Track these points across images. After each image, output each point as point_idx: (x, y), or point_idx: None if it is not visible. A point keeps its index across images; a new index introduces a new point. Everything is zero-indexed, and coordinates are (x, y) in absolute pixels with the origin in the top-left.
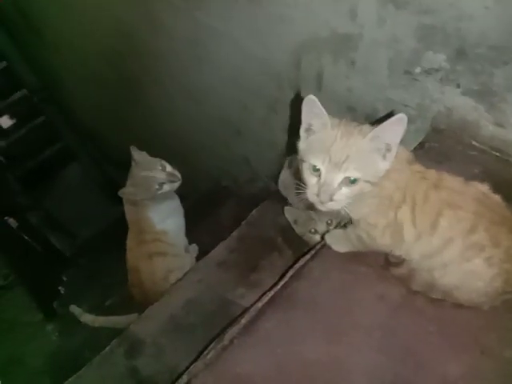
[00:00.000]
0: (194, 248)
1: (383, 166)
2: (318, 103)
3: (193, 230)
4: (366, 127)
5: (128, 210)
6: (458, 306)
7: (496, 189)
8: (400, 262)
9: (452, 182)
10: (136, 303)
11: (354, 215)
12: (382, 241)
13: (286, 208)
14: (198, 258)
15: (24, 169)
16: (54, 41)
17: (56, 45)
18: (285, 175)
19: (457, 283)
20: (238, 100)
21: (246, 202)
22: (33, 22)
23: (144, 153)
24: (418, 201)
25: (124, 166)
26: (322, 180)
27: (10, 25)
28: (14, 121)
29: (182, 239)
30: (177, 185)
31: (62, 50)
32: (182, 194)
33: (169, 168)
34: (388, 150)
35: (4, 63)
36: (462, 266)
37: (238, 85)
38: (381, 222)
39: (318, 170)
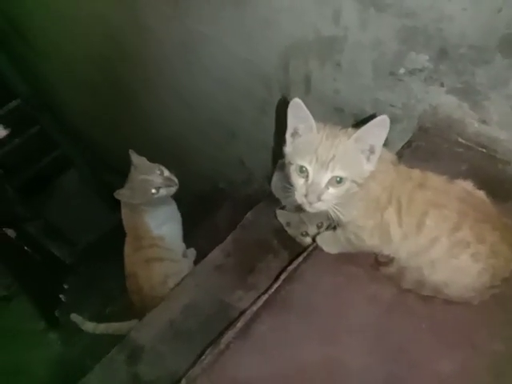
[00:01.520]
0: (192, 252)
1: (367, 167)
2: (304, 107)
3: (189, 233)
4: (351, 130)
5: (125, 215)
6: (449, 302)
7: (482, 184)
8: (389, 261)
9: (436, 181)
10: (136, 309)
11: (342, 218)
12: (371, 242)
13: (277, 211)
14: (196, 262)
15: (21, 178)
16: (43, 48)
17: (45, 52)
18: (277, 177)
19: (446, 280)
20: (229, 103)
21: (241, 204)
22: (21, 29)
23: (143, 158)
24: (404, 201)
25: (121, 171)
26: (310, 180)
27: (2, 34)
28: (8, 131)
29: (179, 244)
30: (174, 189)
31: (52, 57)
32: (178, 196)
33: (166, 173)
34: (372, 152)
35: None
36: (450, 263)
37: (229, 88)
38: (369, 224)
39: (305, 170)
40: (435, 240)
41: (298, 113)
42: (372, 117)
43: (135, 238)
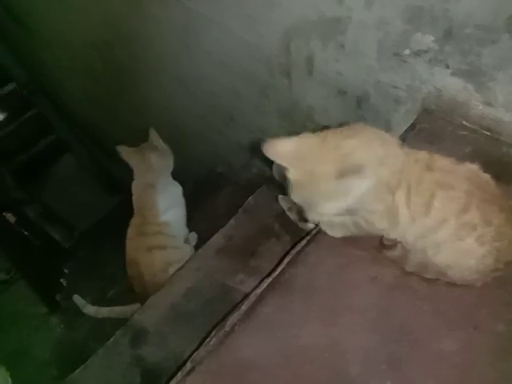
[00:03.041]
0: (194, 236)
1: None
2: (278, 153)
3: (190, 217)
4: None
5: (136, 194)
6: (451, 284)
7: (486, 167)
8: (394, 244)
9: (443, 162)
10: (137, 294)
11: (353, 206)
12: (380, 225)
13: (279, 196)
14: (196, 246)
15: (18, 163)
16: (41, 32)
17: (43, 36)
18: None
19: (450, 262)
20: (229, 86)
21: (241, 188)
22: (18, 13)
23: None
24: (413, 183)
25: (118, 155)
26: None
27: None
28: (4, 115)
29: (182, 230)
30: None
31: (50, 41)
32: (178, 181)
33: None
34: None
35: None
36: (455, 245)
37: (229, 71)
38: (379, 208)
39: None
40: (443, 221)
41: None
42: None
43: (141, 221)
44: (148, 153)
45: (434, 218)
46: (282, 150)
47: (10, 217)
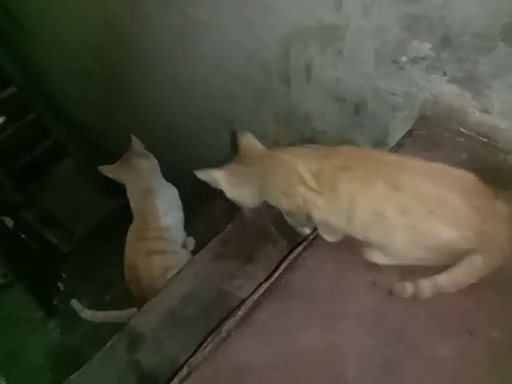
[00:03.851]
0: (191, 241)
1: None
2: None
3: (188, 220)
4: None
5: (134, 199)
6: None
7: (483, 174)
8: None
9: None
10: (134, 298)
11: None
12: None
13: None
14: (195, 250)
15: (16, 166)
16: (38, 33)
17: (40, 38)
18: None
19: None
20: (226, 90)
21: None
22: (15, 14)
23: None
24: (318, 176)
25: (116, 157)
26: None
27: None
28: (3, 118)
29: (180, 233)
30: None
31: (47, 42)
32: (174, 184)
33: None
34: None
35: None
36: (379, 223)
37: (227, 75)
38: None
39: None
40: (352, 200)
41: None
42: None
43: (141, 226)
44: (135, 159)
45: (342, 198)
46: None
47: (8, 220)
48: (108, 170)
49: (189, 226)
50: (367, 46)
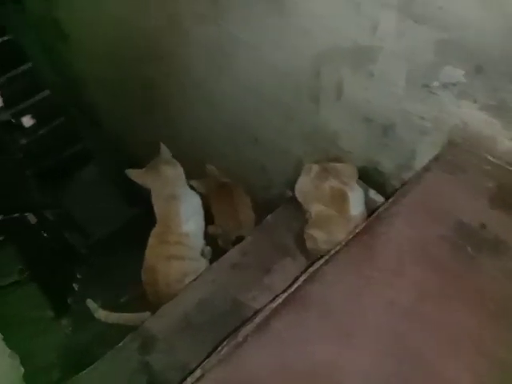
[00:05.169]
0: (209, 250)
1: None
2: None
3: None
4: None
5: (158, 204)
6: (468, 312)
7: (510, 203)
8: None
9: None
10: (149, 301)
11: None
12: None
13: None
14: (211, 261)
15: (42, 167)
16: (79, 46)
17: (81, 50)
18: (302, 182)
19: None
20: (255, 108)
21: (260, 207)
22: (62, 28)
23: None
24: None
25: (141, 167)
26: None
27: (41, 29)
28: (35, 120)
29: (200, 241)
30: None
31: (87, 54)
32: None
33: None
34: None
35: (29, 64)
36: None
37: (257, 93)
38: None
39: None
40: None
41: None
42: None
43: (164, 229)
44: (162, 166)
45: None
46: None
47: (31, 217)
48: (135, 175)
49: (207, 238)
50: (399, 69)
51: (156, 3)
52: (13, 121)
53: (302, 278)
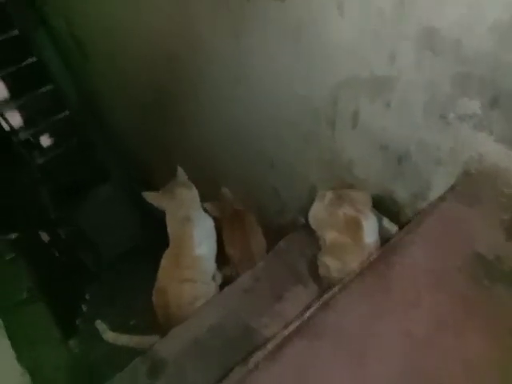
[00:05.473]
0: (219, 275)
1: None
2: None
3: (218, 257)
4: None
5: (172, 225)
6: (485, 344)
7: None
8: None
9: None
10: (158, 324)
11: None
12: None
13: None
14: (221, 287)
15: (58, 185)
16: (101, 65)
17: (100, 64)
18: (316, 208)
19: None
20: (274, 133)
21: (273, 232)
22: (84, 47)
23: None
24: None
25: (156, 188)
26: None
27: (64, 50)
28: (53, 140)
29: (212, 265)
30: None
31: (107, 74)
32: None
33: None
34: None
35: (51, 86)
36: None
37: (276, 118)
38: None
39: None
40: None
41: None
42: None
43: (176, 252)
44: (178, 188)
45: None
46: None
47: (44, 235)
48: (151, 197)
49: (218, 263)
50: (416, 99)
51: (179, 27)
52: (31, 140)
53: (315, 306)
